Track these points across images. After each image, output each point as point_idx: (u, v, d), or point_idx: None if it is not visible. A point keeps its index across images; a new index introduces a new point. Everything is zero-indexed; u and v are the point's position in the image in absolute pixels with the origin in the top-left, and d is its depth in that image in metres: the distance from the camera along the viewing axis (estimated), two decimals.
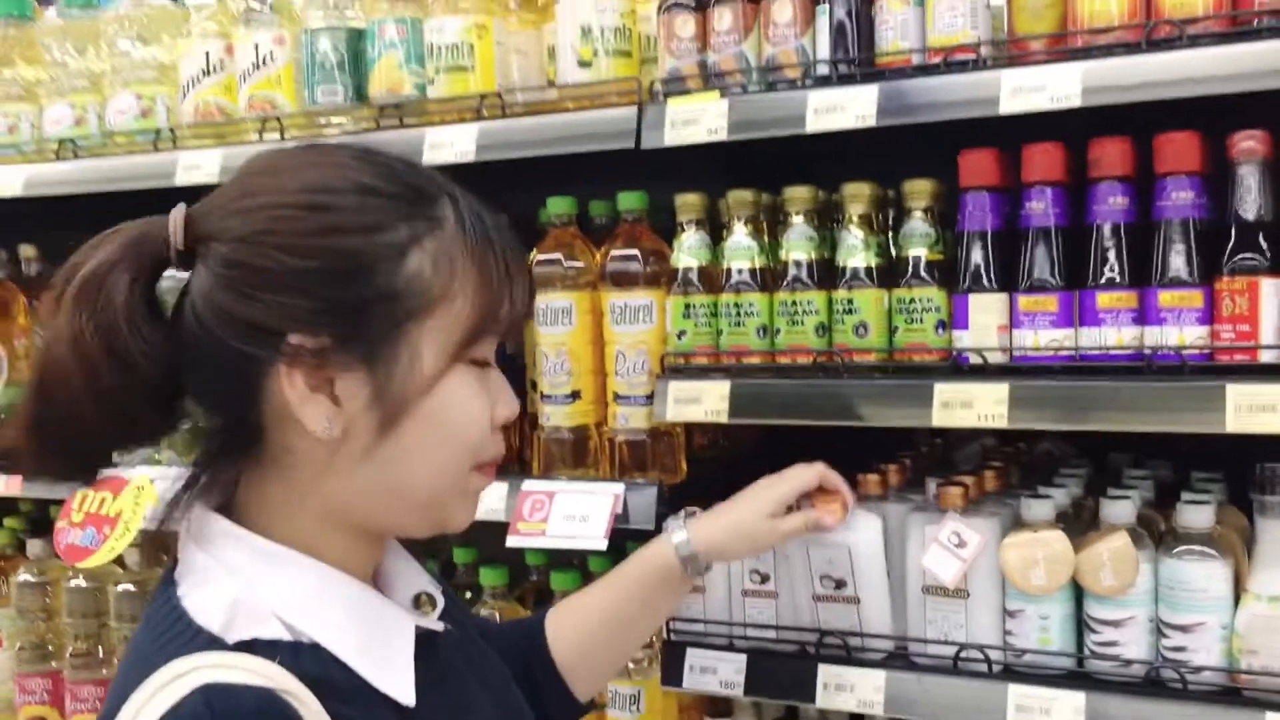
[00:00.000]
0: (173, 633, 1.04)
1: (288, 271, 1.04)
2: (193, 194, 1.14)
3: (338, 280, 1.04)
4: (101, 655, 2.51)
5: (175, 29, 2.42)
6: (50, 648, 2.58)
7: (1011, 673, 1.78)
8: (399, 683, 1.09)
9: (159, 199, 2.36)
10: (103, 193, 2.40)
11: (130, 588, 2.48)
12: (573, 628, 1.57)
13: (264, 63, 2.27)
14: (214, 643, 1.02)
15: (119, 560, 2.53)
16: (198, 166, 2.28)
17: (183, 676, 0.98)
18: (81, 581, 2.52)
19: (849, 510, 1.73)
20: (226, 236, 1.06)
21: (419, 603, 1.22)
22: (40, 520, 2.75)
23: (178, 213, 1.08)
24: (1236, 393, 1.57)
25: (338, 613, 1.08)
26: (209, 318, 1.05)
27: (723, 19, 1.89)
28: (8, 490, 2.54)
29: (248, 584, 1.06)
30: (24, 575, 2.58)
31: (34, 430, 1.07)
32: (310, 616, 1.07)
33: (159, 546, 2.58)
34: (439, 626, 1.20)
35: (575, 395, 2.08)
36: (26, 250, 2.78)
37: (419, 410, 1.06)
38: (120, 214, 2.67)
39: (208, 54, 2.33)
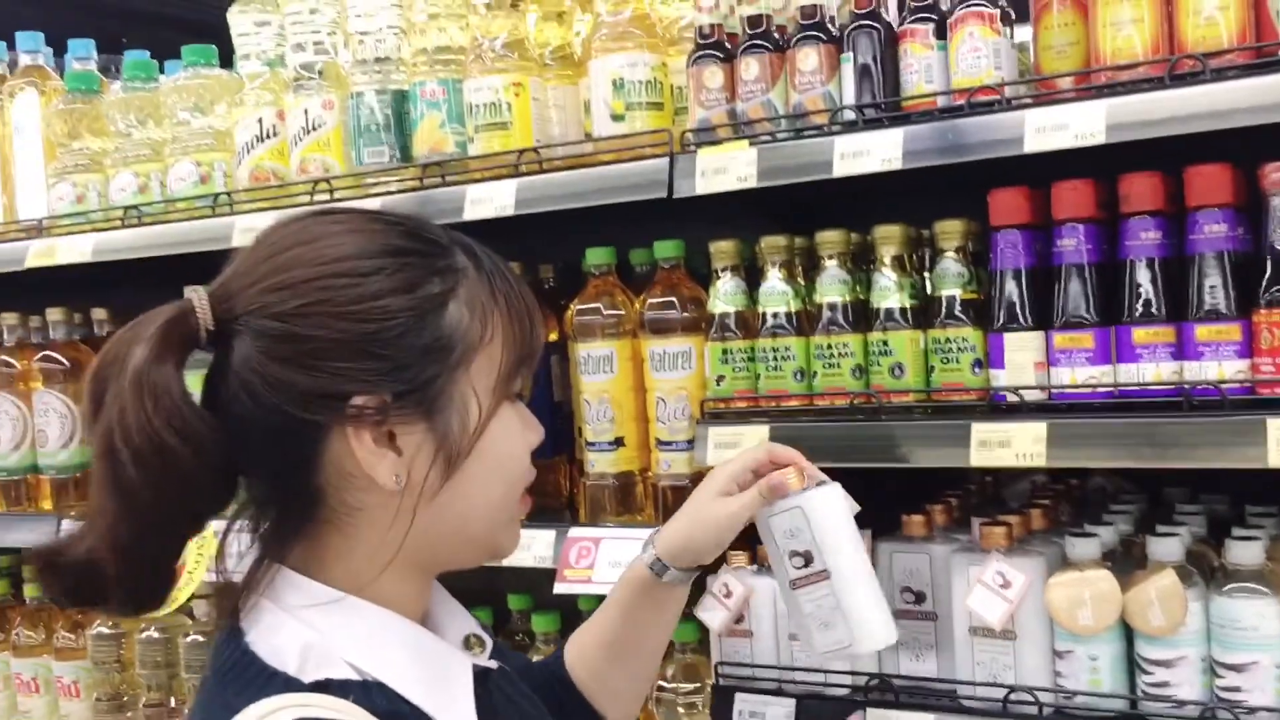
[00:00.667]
0: (248, 676, 1.07)
1: (344, 338, 1.08)
2: None
3: (390, 339, 1.09)
4: (173, 705, 2.59)
5: (230, 97, 2.51)
6: (125, 698, 2.67)
7: (1062, 715, 1.76)
8: (459, 715, 1.13)
9: (218, 260, 2.46)
10: (166, 256, 2.49)
11: (199, 638, 2.55)
12: (579, 653, 1.60)
13: (314, 127, 2.35)
14: (289, 684, 1.06)
15: (188, 612, 2.61)
16: (254, 229, 2.34)
17: (274, 713, 1.01)
18: (153, 633, 2.61)
19: (807, 477, 1.52)
20: (270, 312, 1.09)
21: (469, 644, 1.26)
22: None
23: (200, 298, 1.12)
24: (1278, 426, 1.55)
25: (399, 653, 1.13)
26: (263, 391, 1.08)
27: (750, 69, 1.92)
28: None
29: (314, 630, 1.11)
30: (99, 628, 2.67)
31: (115, 543, 1.07)
32: (374, 658, 1.11)
33: (226, 598, 2.65)
34: (493, 665, 1.24)
35: (619, 442, 2.10)
36: (98, 313, 2.89)
37: (477, 451, 1.12)
38: (183, 276, 2.78)
39: (260, 120, 2.42)
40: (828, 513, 1.49)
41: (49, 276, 2.68)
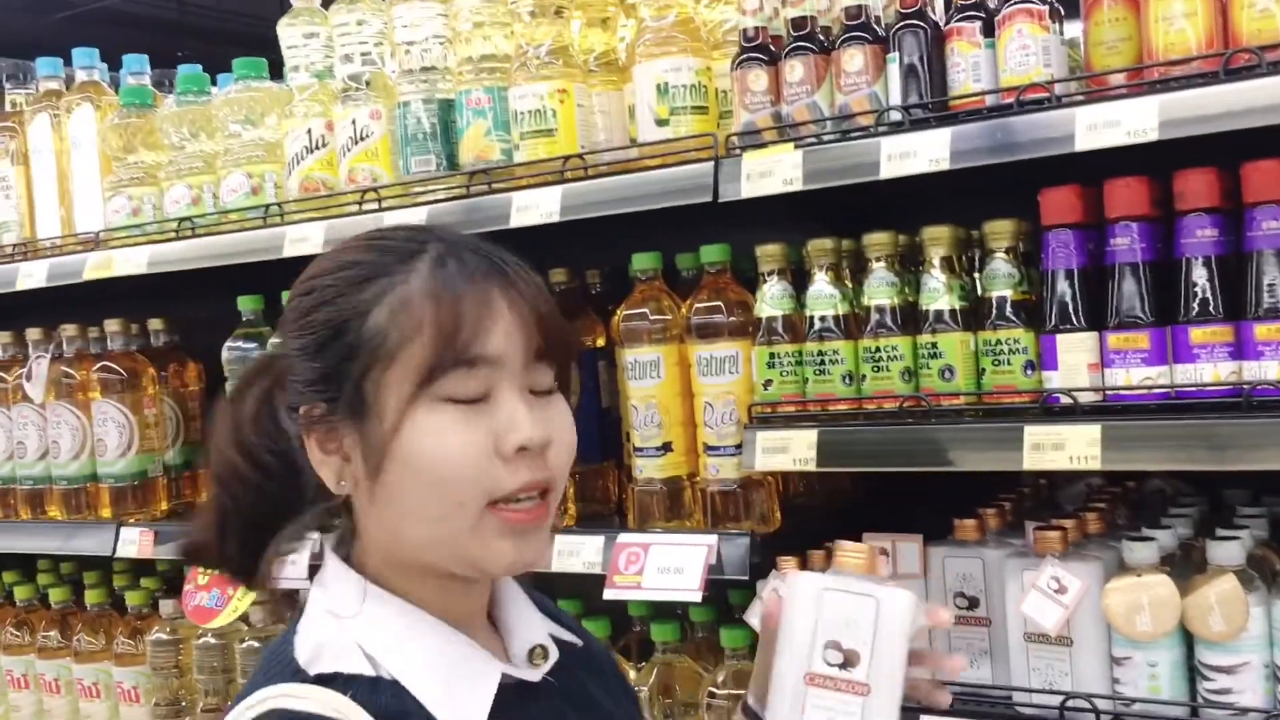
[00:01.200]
0: (273, 665, 1.14)
1: (293, 354, 1.16)
2: (300, 265, 1.22)
3: (320, 350, 1.14)
4: None
5: (280, 109, 2.54)
6: (183, 703, 2.70)
7: None
8: None
9: (270, 270, 2.49)
10: (219, 267, 2.53)
11: (255, 644, 2.58)
12: None
13: (362, 137, 2.37)
14: (297, 674, 1.11)
15: (244, 618, 2.65)
16: (305, 239, 2.39)
17: (259, 704, 1.07)
18: (210, 639, 2.64)
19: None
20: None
21: (533, 655, 1.23)
22: (174, 580, 2.88)
23: None
24: None
25: (420, 651, 1.14)
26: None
27: (795, 71, 1.91)
28: (141, 553, 2.68)
29: (344, 620, 1.14)
30: (157, 634, 2.71)
31: (211, 531, 1.20)
32: (393, 653, 1.13)
33: (285, 604, 2.69)
34: (532, 676, 1.20)
35: (666, 447, 2.10)
36: (155, 323, 2.94)
37: (394, 453, 1.10)
38: (235, 286, 2.81)
39: (310, 131, 2.45)
40: (903, 623, 1.20)
41: (106, 288, 2.73)
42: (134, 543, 2.67)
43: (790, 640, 1.21)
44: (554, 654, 1.24)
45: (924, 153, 1.76)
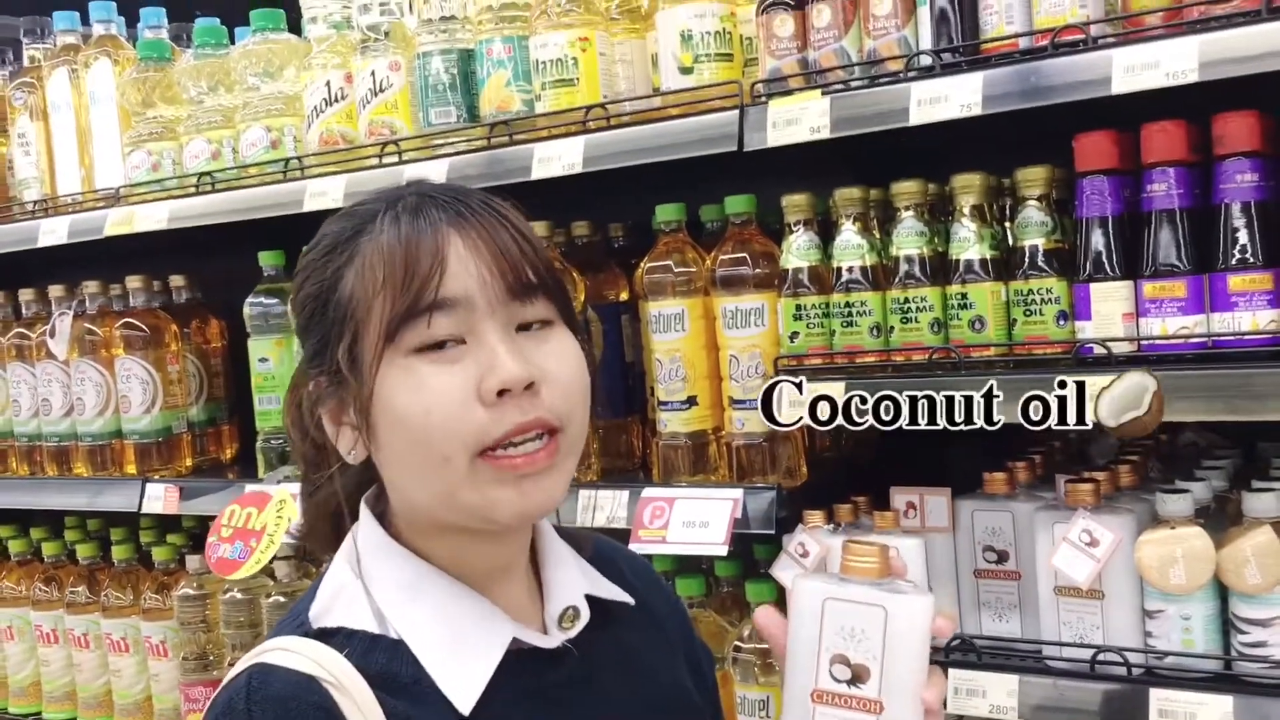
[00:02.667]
0: (288, 617, 1.16)
1: (300, 332, 1.18)
2: (321, 218, 1.21)
3: (309, 327, 1.15)
4: None
5: (299, 61, 2.51)
6: (210, 657, 2.72)
7: (1153, 675, 1.70)
8: (462, 688, 1.09)
9: (290, 225, 2.47)
10: (240, 221, 2.51)
11: (281, 599, 2.59)
12: None
13: (381, 89, 2.34)
14: (301, 627, 1.11)
15: (270, 573, 2.65)
16: (324, 193, 2.37)
17: (255, 656, 1.08)
18: (236, 594, 2.65)
19: (892, 571, 1.12)
20: None
21: (563, 618, 1.19)
22: (200, 536, 2.89)
23: None
24: None
25: (427, 611, 1.12)
26: None
27: (821, 15, 1.87)
28: (167, 508, 2.69)
29: (359, 575, 1.13)
30: (184, 589, 2.72)
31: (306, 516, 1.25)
32: (401, 609, 1.11)
33: (309, 559, 2.69)
34: (547, 643, 1.17)
35: (691, 401, 2.08)
36: (176, 280, 2.93)
37: (378, 414, 1.09)
38: (256, 242, 2.80)
39: (329, 84, 2.42)
40: (915, 633, 1.07)
41: (128, 245, 2.72)
42: (159, 499, 2.68)
43: (795, 654, 1.10)
44: (585, 616, 1.20)
45: (955, 98, 1.71)
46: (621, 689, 1.22)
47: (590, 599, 1.22)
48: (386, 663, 1.09)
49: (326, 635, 1.09)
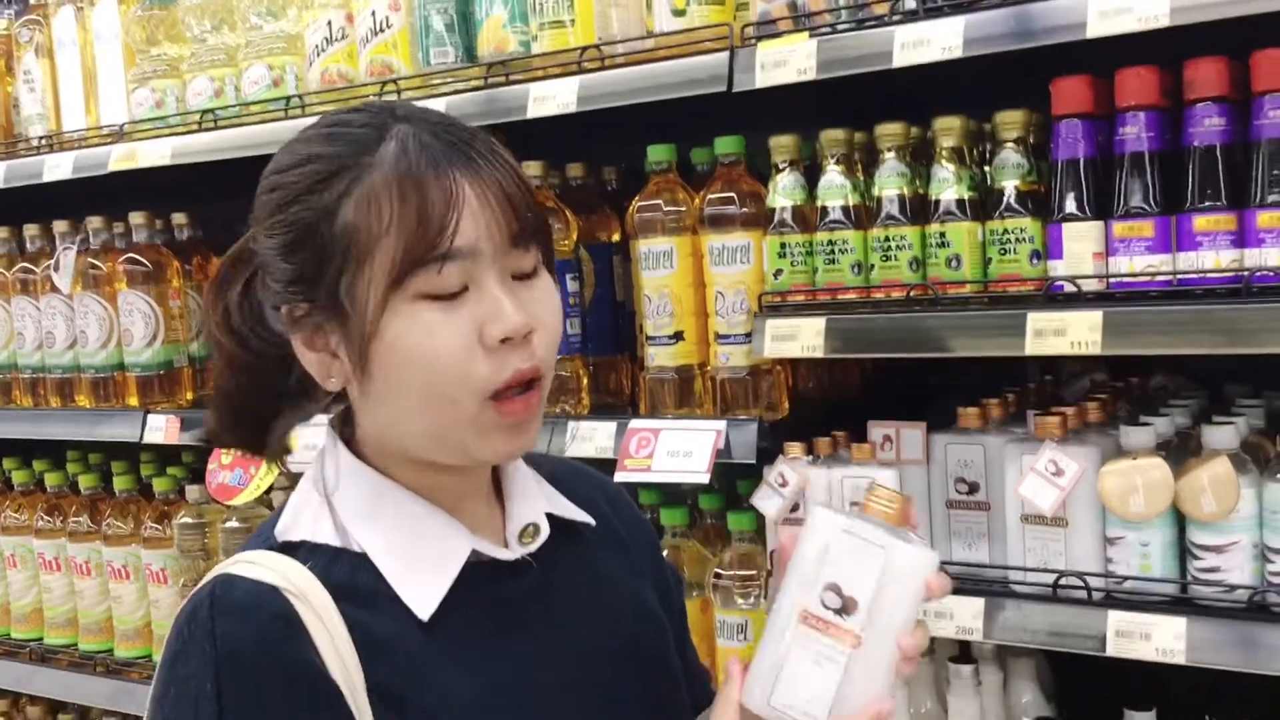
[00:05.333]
0: (256, 534, 1.19)
1: (266, 252, 1.14)
2: None
3: (292, 251, 1.11)
4: None
5: (301, 1, 2.56)
6: None
7: (1112, 599, 1.78)
8: (422, 596, 1.12)
9: None
10: (241, 158, 2.57)
11: None
12: None
13: (381, 29, 2.39)
14: (267, 542, 1.15)
15: (268, 503, 2.73)
16: None
17: (221, 569, 1.11)
18: (235, 523, 2.72)
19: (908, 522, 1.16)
20: (248, 233, 1.18)
21: (523, 534, 1.22)
22: (199, 469, 2.96)
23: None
24: None
25: (389, 525, 1.15)
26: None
27: None
28: (168, 439, 2.76)
29: (325, 493, 1.16)
30: (184, 518, 2.79)
31: (218, 412, 1.24)
32: (363, 524, 1.15)
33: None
34: (507, 555, 1.19)
35: (678, 336, 2.15)
36: (178, 218, 2.98)
37: (378, 353, 1.09)
38: (258, 178, 2.85)
39: (330, 23, 2.47)
40: (911, 582, 1.11)
41: (131, 183, 2.78)
42: (160, 429, 2.75)
43: (796, 572, 1.14)
44: (544, 532, 1.23)
45: (937, 41, 1.77)
46: (582, 603, 1.25)
47: (552, 518, 1.25)
48: (349, 574, 1.12)
49: (291, 549, 1.13)
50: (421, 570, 1.14)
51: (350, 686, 1.07)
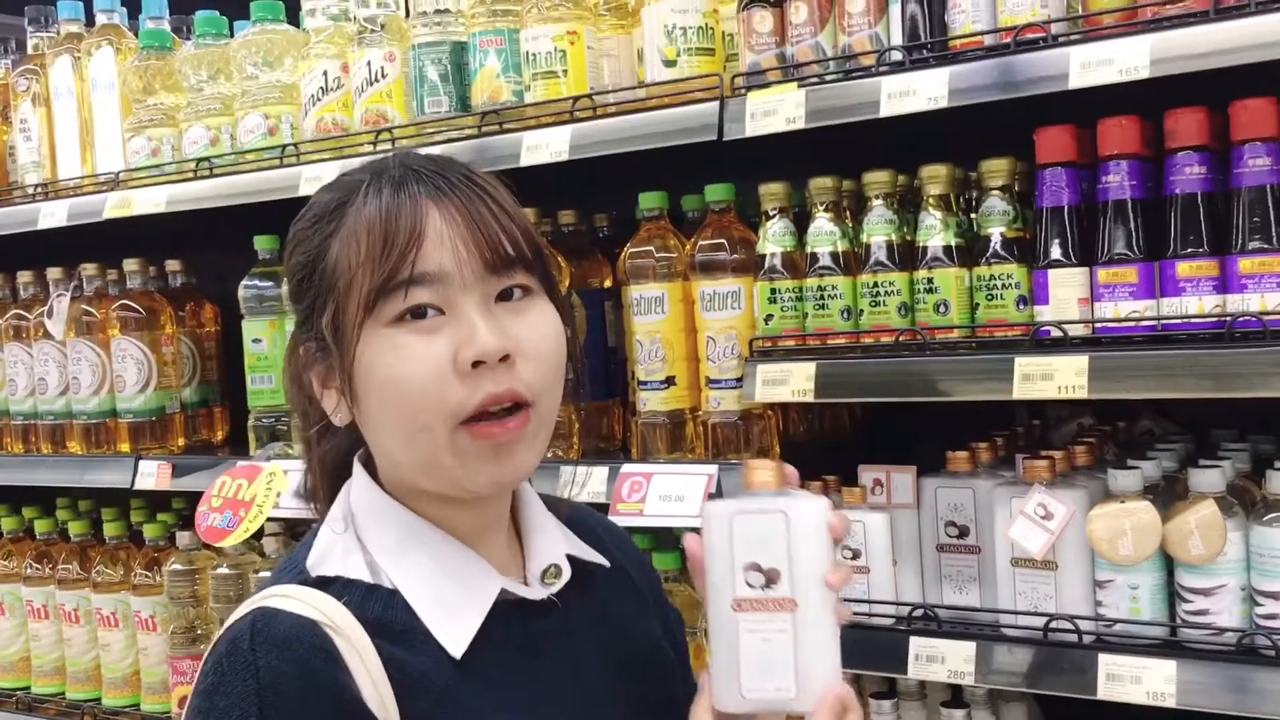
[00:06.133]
0: (285, 566, 1.20)
1: (289, 296, 1.24)
2: None
3: (298, 294, 1.20)
4: None
5: (297, 51, 2.60)
6: (199, 631, 2.78)
7: (1102, 642, 1.79)
8: (455, 633, 1.14)
9: (286, 208, 2.54)
10: (236, 206, 2.59)
11: (268, 574, 2.65)
12: None
13: (376, 79, 2.43)
14: (299, 575, 1.16)
15: (258, 549, 2.73)
16: (319, 178, 2.44)
17: (256, 602, 1.12)
18: (225, 569, 2.71)
19: (788, 482, 1.19)
20: None
21: (545, 575, 1.24)
22: (189, 516, 2.96)
23: None
24: None
25: (420, 560, 1.17)
26: None
27: (799, 12, 1.96)
28: (159, 485, 2.76)
29: (354, 528, 1.19)
30: (174, 564, 2.78)
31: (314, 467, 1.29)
32: (395, 562, 1.16)
33: (296, 537, 2.77)
34: (534, 594, 1.22)
35: (670, 381, 2.17)
36: (172, 264, 3.00)
37: (359, 381, 1.13)
38: (252, 225, 2.88)
39: (325, 73, 2.50)
40: (815, 529, 1.14)
41: (125, 230, 2.80)
42: (152, 475, 2.75)
43: (713, 570, 1.16)
44: (566, 573, 1.25)
45: (923, 91, 1.81)
46: (598, 644, 1.27)
47: (570, 560, 1.27)
48: (382, 610, 1.13)
49: (325, 583, 1.14)
50: (453, 608, 1.16)
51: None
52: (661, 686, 1.32)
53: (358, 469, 1.24)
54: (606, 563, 1.32)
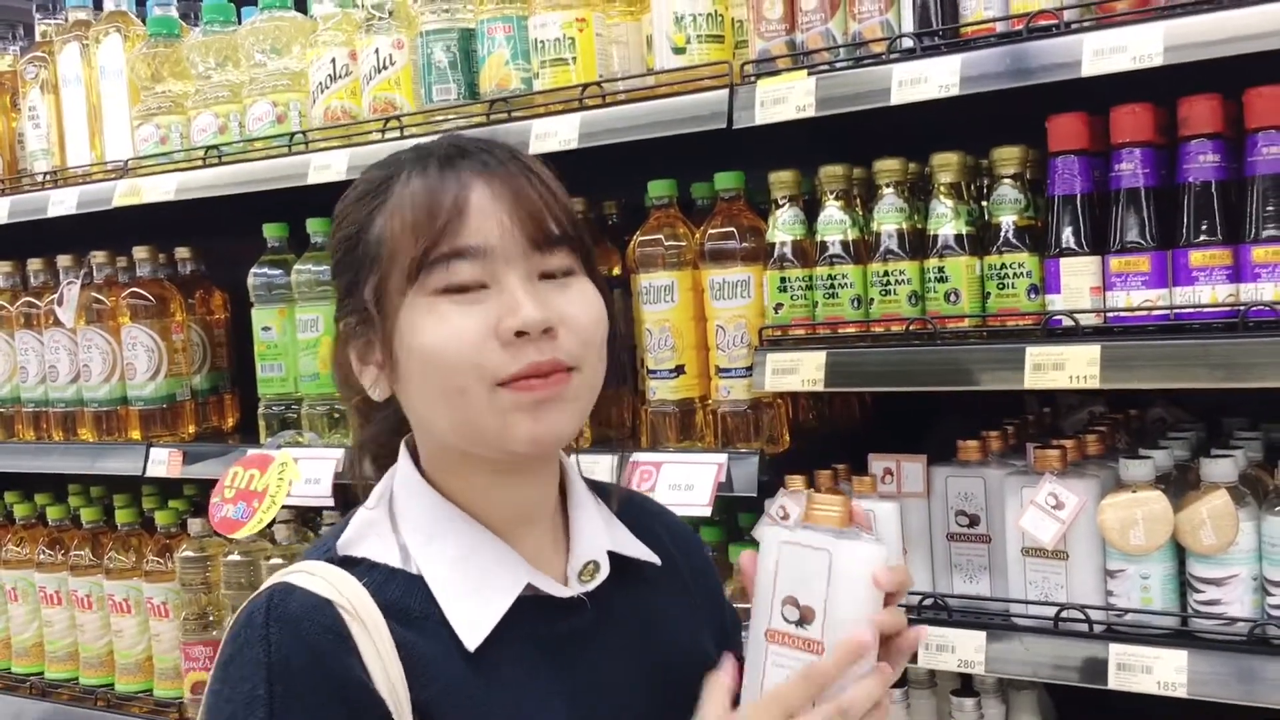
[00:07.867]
0: (317, 543, 1.22)
1: (334, 275, 1.24)
2: (324, 192, 1.29)
3: (341, 269, 1.21)
4: None
5: (305, 38, 2.59)
6: (211, 618, 2.80)
7: (1113, 632, 1.79)
8: (472, 625, 1.14)
9: (295, 196, 2.54)
10: (245, 193, 2.59)
11: (280, 561, 2.66)
12: None
13: (384, 66, 2.42)
14: (326, 553, 1.17)
15: (270, 536, 2.73)
16: (327, 166, 2.44)
17: (282, 575, 1.14)
18: (237, 556, 2.72)
19: (853, 520, 1.15)
20: None
21: (584, 570, 1.22)
22: (201, 503, 2.97)
23: None
24: None
25: (449, 547, 1.17)
26: None
27: None
28: (170, 472, 2.77)
29: (390, 511, 1.20)
30: (186, 551, 2.80)
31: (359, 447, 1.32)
32: (423, 546, 1.17)
33: (308, 524, 2.78)
34: (561, 592, 1.19)
35: (679, 370, 2.16)
36: (182, 252, 3.01)
37: (400, 350, 1.14)
38: (261, 213, 2.88)
39: (334, 61, 2.49)
40: (859, 576, 1.10)
41: (134, 218, 2.80)
42: (163, 463, 2.76)
43: (757, 594, 1.15)
44: (604, 571, 1.23)
45: (934, 79, 1.79)
46: (631, 646, 1.24)
47: (614, 555, 1.25)
48: (401, 595, 1.14)
49: (350, 564, 1.15)
50: (475, 598, 1.15)
51: (396, 702, 1.09)
52: (693, 690, 1.25)
53: (403, 452, 1.24)
54: (655, 559, 1.29)
